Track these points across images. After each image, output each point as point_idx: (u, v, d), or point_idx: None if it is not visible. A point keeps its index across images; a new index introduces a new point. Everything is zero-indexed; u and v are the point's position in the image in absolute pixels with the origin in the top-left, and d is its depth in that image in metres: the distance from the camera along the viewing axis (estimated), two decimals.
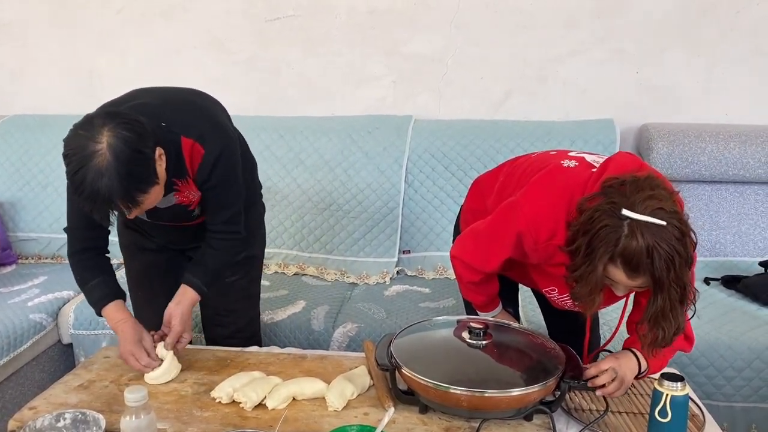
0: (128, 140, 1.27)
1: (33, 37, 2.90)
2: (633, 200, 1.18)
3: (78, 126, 1.30)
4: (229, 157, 1.52)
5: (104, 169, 1.25)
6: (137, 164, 1.29)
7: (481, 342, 1.40)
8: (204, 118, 1.50)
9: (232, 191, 1.57)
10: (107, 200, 1.27)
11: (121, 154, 1.26)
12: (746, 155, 2.42)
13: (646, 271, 1.17)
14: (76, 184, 1.27)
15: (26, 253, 2.64)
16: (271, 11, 2.76)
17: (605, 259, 1.19)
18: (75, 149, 1.27)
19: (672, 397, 1.22)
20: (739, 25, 2.59)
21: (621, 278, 1.21)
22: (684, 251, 1.17)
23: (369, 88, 2.80)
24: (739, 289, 2.29)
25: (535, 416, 1.33)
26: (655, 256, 1.15)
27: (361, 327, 2.10)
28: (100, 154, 1.25)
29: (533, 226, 1.35)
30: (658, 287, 1.19)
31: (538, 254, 1.38)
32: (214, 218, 1.59)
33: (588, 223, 1.22)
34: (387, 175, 2.54)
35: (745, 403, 1.97)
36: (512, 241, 1.39)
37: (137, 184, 1.30)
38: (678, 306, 1.21)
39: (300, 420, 1.33)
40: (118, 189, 1.26)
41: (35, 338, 2.12)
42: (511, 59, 2.70)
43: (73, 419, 1.27)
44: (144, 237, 1.74)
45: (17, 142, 2.71)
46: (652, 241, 1.15)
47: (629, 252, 1.16)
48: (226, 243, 1.61)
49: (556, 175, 1.40)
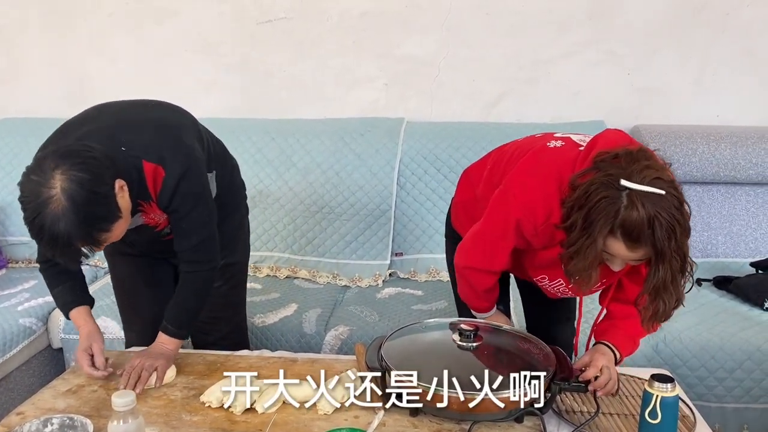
0: (83, 181, 1.23)
1: (24, 41, 2.89)
2: (630, 171, 1.17)
3: (30, 170, 1.26)
4: (192, 178, 1.44)
5: (60, 215, 1.21)
6: (95, 204, 1.25)
7: (471, 344, 1.40)
8: (164, 138, 1.44)
9: (198, 215, 1.48)
10: (67, 244, 1.24)
11: (77, 196, 1.22)
12: (737, 156, 2.43)
13: (647, 242, 1.15)
14: (35, 231, 1.24)
15: (16, 257, 2.63)
16: (263, 14, 2.75)
17: (605, 231, 1.17)
18: (29, 196, 1.24)
19: (662, 398, 1.22)
20: (729, 26, 2.60)
21: (620, 250, 1.19)
22: (683, 220, 1.16)
23: (361, 90, 2.80)
24: (730, 290, 2.29)
25: (526, 418, 1.32)
26: (656, 226, 1.14)
27: (353, 330, 2.09)
28: (55, 200, 1.21)
29: (529, 210, 1.34)
30: (660, 258, 1.17)
31: (540, 238, 1.37)
32: (181, 245, 1.51)
33: (584, 197, 1.20)
34: (379, 178, 2.54)
35: (736, 403, 1.97)
36: (513, 230, 1.38)
37: (97, 224, 1.27)
38: (678, 276, 1.21)
39: (290, 424, 1.32)
40: (77, 232, 1.24)
41: (25, 343, 2.11)
42: (503, 61, 2.71)
43: (61, 424, 1.26)
44: (125, 244, 1.69)
45: (8, 146, 2.70)
46: (653, 210, 1.13)
47: (630, 223, 1.14)
48: (198, 275, 1.53)
49: (543, 156, 1.39)
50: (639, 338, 1.47)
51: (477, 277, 1.51)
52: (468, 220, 1.64)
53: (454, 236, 1.72)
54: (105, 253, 1.77)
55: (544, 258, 1.42)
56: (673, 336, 2.00)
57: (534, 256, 1.45)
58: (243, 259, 1.84)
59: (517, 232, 1.37)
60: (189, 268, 1.53)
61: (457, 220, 1.71)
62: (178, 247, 1.52)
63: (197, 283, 1.55)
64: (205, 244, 1.52)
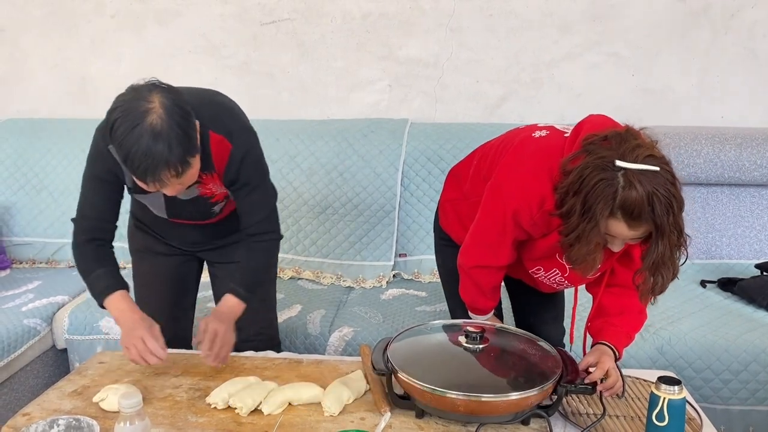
0: (177, 102, 1.26)
1: (26, 42, 2.89)
2: (622, 151, 1.18)
3: (123, 95, 1.27)
4: (257, 156, 1.52)
5: (160, 127, 1.22)
6: (188, 126, 1.27)
7: (477, 346, 1.39)
8: (231, 117, 1.50)
9: (264, 189, 1.56)
10: (165, 159, 1.23)
11: (174, 113, 1.24)
12: (742, 158, 2.42)
13: (648, 219, 1.17)
14: (129, 144, 1.22)
15: (20, 257, 2.63)
16: (266, 15, 2.75)
17: (606, 213, 1.18)
18: (125, 111, 1.23)
19: (669, 400, 1.21)
20: (733, 27, 2.60)
21: (621, 230, 1.21)
22: (678, 195, 1.19)
23: (364, 92, 2.80)
24: (735, 292, 2.29)
25: (533, 420, 1.32)
26: (656, 203, 1.16)
27: (358, 331, 2.09)
28: (154, 111, 1.22)
29: (523, 199, 1.35)
30: (660, 233, 1.19)
31: (538, 227, 1.38)
32: (249, 219, 1.56)
33: (578, 182, 1.21)
34: (383, 179, 2.54)
35: (742, 405, 1.97)
36: (511, 221, 1.39)
37: (189, 145, 1.27)
38: (675, 251, 1.23)
39: (296, 425, 1.32)
40: (176, 148, 1.23)
41: (29, 343, 2.10)
42: (506, 63, 2.71)
43: (67, 426, 1.26)
44: (156, 240, 1.72)
45: (11, 147, 2.70)
46: (651, 187, 1.15)
47: (629, 202, 1.16)
48: (263, 245, 1.59)
49: (530, 146, 1.40)
50: (634, 333, 1.49)
51: (485, 274, 1.52)
52: (456, 219, 1.65)
53: (442, 236, 1.73)
54: (131, 250, 1.78)
55: (543, 247, 1.42)
56: (678, 338, 1.99)
57: (533, 246, 1.46)
58: None
59: (515, 223, 1.39)
60: (256, 238, 1.58)
61: (445, 219, 1.72)
62: (246, 222, 1.57)
63: (265, 251, 1.60)
64: (271, 218, 1.59)
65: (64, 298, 2.30)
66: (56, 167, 2.67)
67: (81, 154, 2.65)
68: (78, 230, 1.54)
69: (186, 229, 1.67)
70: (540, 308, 1.76)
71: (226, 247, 1.75)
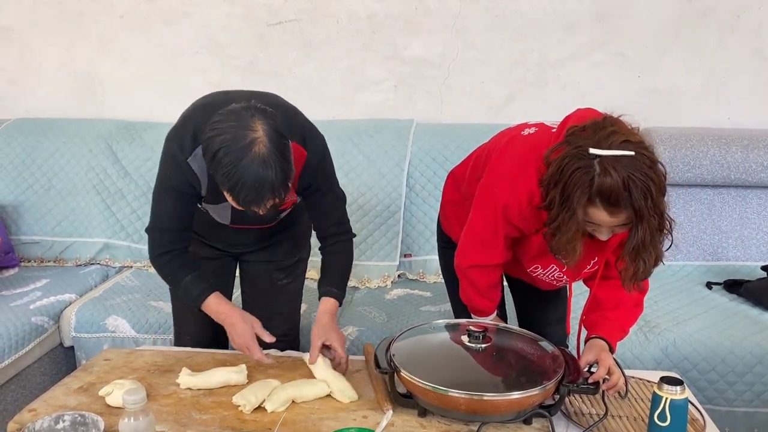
0: (280, 130, 1.27)
1: (35, 41, 2.92)
2: (597, 138, 1.19)
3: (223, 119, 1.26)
4: (329, 158, 1.54)
5: (266, 157, 1.23)
6: (288, 153, 1.28)
7: (480, 345, 1.40)
8: (299, 122, 1.51)
9: (336, 191, 1.59)
10: (271, 188, 1.25)
11: (278, 142, 1.25)
12: (748, 159, 2.41)
13: (627, 205, 1.18)
14: (238, 176, 1.23)
15: (29, 256, 2.65)
16: (272, 16, 2.77)
17: (583, 200, 1.20)
18: (231, 140, 1.23)
19: (671, 401, 1.22)
20: (740, 28, 2.59)
21: (603, 218, 1.22)
22: (657, 178, 1.19)
23: (370, 92, 2.80)
24: (741, 294, 2.28)
25: (535, 420, 1.32)
26: (632, 187, 1.16)
27: (362, 330, 2.09)
28: (260, 142, 1.23)
29: (512, 195, 1.37)
30: (638, 218, 1.19)
31: (528, 222, 1.39)
32: (322, 222, 1.59)
33: (558, 173, 1.22)
34: (388, 179, 2.54)
35: (746, 407, 1.96)
36: (501, 218, 1.41)
37: (291, 171, 1.29)
38: (657, 235, 1.23)
39: (298, 423, 1.33)
40: (280, 176, 1.25)
41: (37, 341, 2.12)
42: (511, 63, 2.71)
43: (72, 421, 1.27)
44: (201, 245, 1.72)
45: (20, 146, 2.72)
46: (626, 173, 1.16)
47: (606, 188, 1.17)
48: (341, 246, 1.61)
49: (519, 143, 1.42)
50: (628, 326, 1.51)
51: (480, 274, 1.53)
52: (456, 222, 1.67)
53: (444, 239, 1.75)
54: None
55: (537, 244, 1.43)
56: (683, 339, 1.99)
57: (527, 245, 1.47)
58: (307, 256, 1.88)
59: (505, 219, 1.41)
60: (335, 239, 1.61)
61: (446, 221, 1.74)
62: (322, 224, 1.60)
63: (347, 252, 1.63)
64: (343, 218, 1.62)
65: (72, 296, 2.32)
66: (64, 166, 2.69)
67: (89, 154, 2.70)
68: (156, 243, 1.53)
69: (238, 234, 1.68)
70: (543, 310, 1.76)
71: (268, 248, 1.76)
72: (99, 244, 2.64)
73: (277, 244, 1.75)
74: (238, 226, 1.63)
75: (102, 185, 2.66)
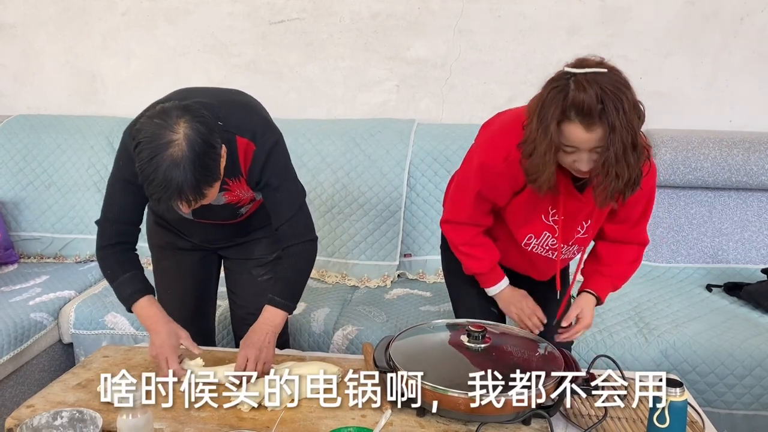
0: (203, 134, 1.28)
1: (37, 39, 2.92)
2: (574, 63, 1.28)
3: (152, 115, 1.29)
4: (281, 152, 1.52)
5: (179, 159, 1.24)
6: (209, 158, 1.29)
7: (479, 345, 1.40)
8: (253, 116, 1.52)
9: (289, 187, 1.56)
10: (178, 190, 1.26)
11: (197, 146, 1.26)
12: (750, 162, 2.41)
13: (601, 118, 1.24)
14: (148, 172, 1.25)
15: (28, 252, 2.65)
16: (275, 15, 2.77)
17: (557, 114, 1.26)
18: (150, 137, 1.26)
19: (671, 402, 1.21)
20: (743, 31, 2.59)
21: (578, 133, 1.26)
22: (630, 95, 1.26)
23: (372, 92, 2.80)
24: (741, 297, 2.28)
25: (533, 420, 1.32)
26: (605, 100, 1.23)
27: (361, 330, 2.09)
28: (176, 144, 1.25)
29: (489, 153, 1.46)
30: (612, 131, 1.24)
31: (503, 177, 1.45)
32: (279, 219, 1.56)
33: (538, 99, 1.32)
34: (389, 179, 2.54)
35: (746, 410, 1.96)
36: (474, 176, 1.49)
37: (206, 177, 1.29)
38: (630, 151, 1.27)
39: (297, 422, 1.32)
40: (191, 181, 1.26)
41: (36, 337, 2.12)
42: (513, 64, 2.70)
43: (71, 418, 1.27)
44: (178, 236, 1.73)
45: (21, 142, 2.72)
46: (598, 87, 1.23)
47: (579, 101, 1.24)
48: (298, 248, 1.56)
49: (503, 115, 1.53)
50: (621, 282, 1.61)
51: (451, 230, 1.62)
52: None
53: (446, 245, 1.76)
54: (152, 246, 1.79)
55: (521, 205, 1.49)
56: (682, 341, 1.99)
57: (513, 210, 1.52)
58: None
59: (479, 176, 1.48)
60: (289, 242, 1.56)
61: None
62: (276, 223, 1.57)
63: (299, 256, 1.58)
64: (300, 217, 1.57)
65: (71, 293, 2.32)
66: (65, 163, 2.69)
67: (90, 151, 2.70)
68: (103, 233, 1.54)
69: (209, 228, 1.68)
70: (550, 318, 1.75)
71: (246, 244, 1.76)
72: None
73: (256, 241, 1.76)
74: (201, 220, 1.62)
75: (103, 182, 2.64)
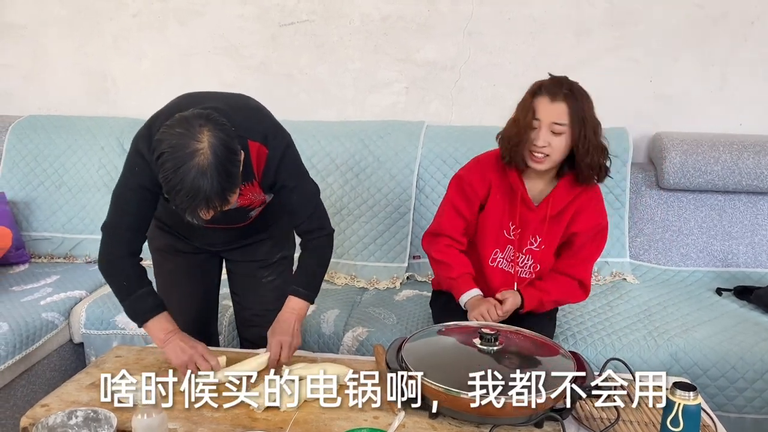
0: (225, 141, 1.29)
1: (49, 40, 2.93)
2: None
3: (172, 125, 1.30)
4: (294, 153, 1.56)
5: (205, 168, 1.25)
6: (232, 164, 1.30)
7: (492, 347, 1.40)
8: (263, 120, 1.53)
9: (306, 186, 1.59)
10: (206, 199, 1.27)
11: (221, 154, 1.27)
12: (760, 165, 2.41)
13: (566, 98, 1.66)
14: (175, 182, 1.26)
15: (39, 252, 2.66)
16: (285, 17, 2.77)
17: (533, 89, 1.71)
18: (174, 147, 1.27)
19: (684, 406, 1.21)
20: (753, 34, 2.59)
21: (544, 104, 1.67)
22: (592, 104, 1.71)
23: (381, 94, 2.81)
24: (751, 300, 2.27)
25: (546, 423, 1.32)
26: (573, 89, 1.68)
27: (371, 331, 2.10)
28: (201, 153, 1.26)
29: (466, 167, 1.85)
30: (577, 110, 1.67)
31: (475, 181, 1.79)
32: (297, 218, 1.59)
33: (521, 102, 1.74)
34: (398, 180, 2.55)
35: (756, 414, 1.95)
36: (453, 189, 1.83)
37: (231, 184, 1.31)
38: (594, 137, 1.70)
39: (310, 422, 1.33)
40: (217, 188, 1.27)
41: (47, 337, 2.13)
42: (523, 67, 2.70)
43: (85, 417, 1.28)
44: (179, 240, 1.74)
45: (32, 143, 2.74)
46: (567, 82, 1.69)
47: (548, 81, 1.71)
48: (318, 242, 1.62)
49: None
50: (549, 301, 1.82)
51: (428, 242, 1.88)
52: None
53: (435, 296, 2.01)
54: (153, 250, 1.80)
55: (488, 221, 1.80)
56: (692, 345, 1.98)
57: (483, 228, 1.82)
58: (293, 252, 1.88)
59: (456, 188, 1.82)
60: (309, 236, 1.62)
61: None
62: (294, 222, 1.62)
63: (318, 249, 1.63)
64: (318, 214, 1.62)
65: (82, 293, 2.33)
66: (75, 164, 2.70)
67: (100, 152, 2.71)
68: (113, 242, 1.53)
69: (215, 232, 1.69)
70: None
71: (249, 246, 1.77)
72: None
73: (259, 243, 1.77)
74: (210, 225, 1.60)
75: (113, 183, 2.63)
